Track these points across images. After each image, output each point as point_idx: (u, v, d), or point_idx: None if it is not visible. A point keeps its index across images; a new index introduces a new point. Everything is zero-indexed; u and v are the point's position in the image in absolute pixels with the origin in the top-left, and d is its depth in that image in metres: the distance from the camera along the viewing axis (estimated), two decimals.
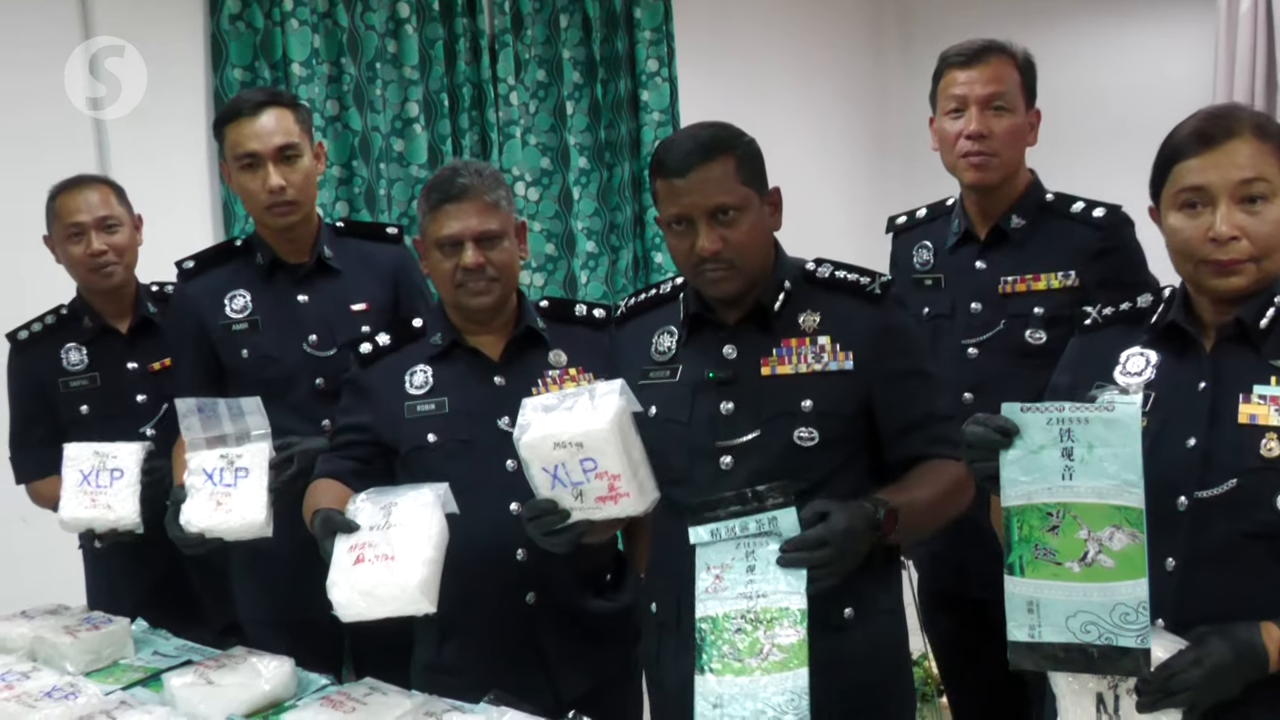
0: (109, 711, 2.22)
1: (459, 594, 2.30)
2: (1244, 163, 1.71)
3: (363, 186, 4.21)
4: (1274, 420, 1.72)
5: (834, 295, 2.13)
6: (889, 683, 2.22)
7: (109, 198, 2.81)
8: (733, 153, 2.05)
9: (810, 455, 2.08)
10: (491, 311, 2.37)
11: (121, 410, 2.83)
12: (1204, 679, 1.57)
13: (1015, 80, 2.64)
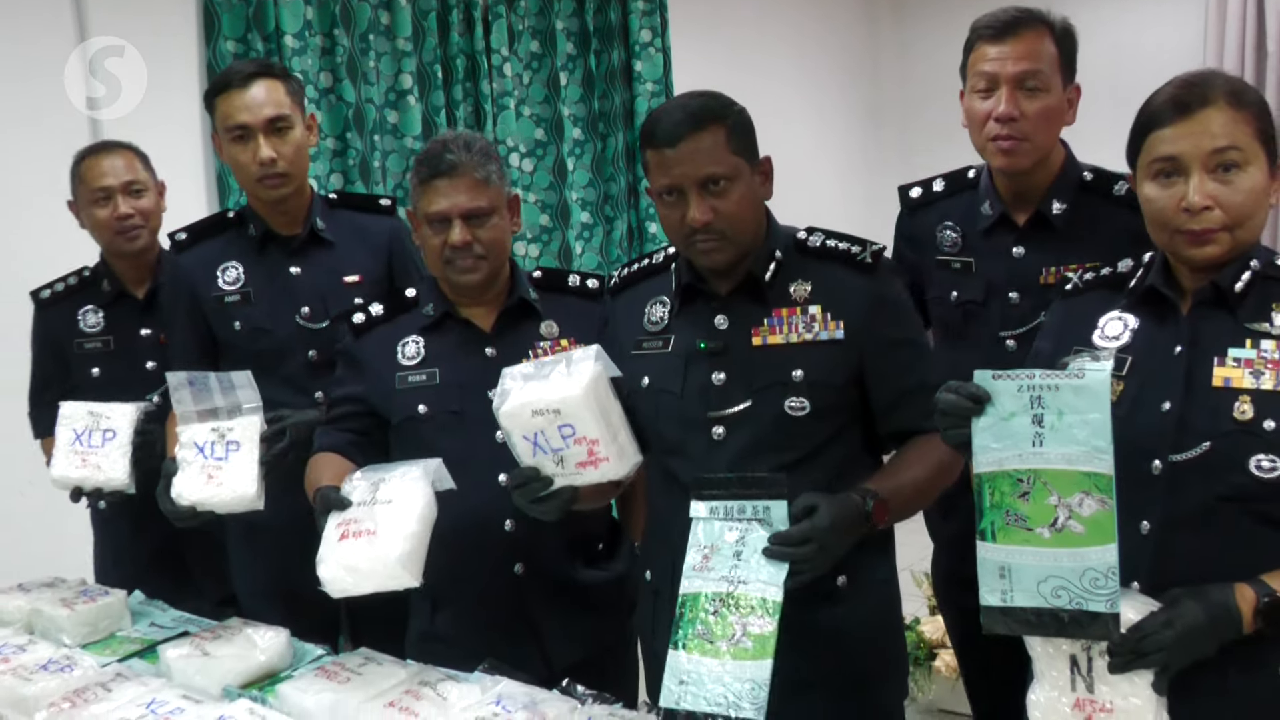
0: (105, 684, 2.21)
1: (449, 565, 2.31)
2: (1217, 131, 1.69)
3: (357, 158, 4.20)
4: (1248, 383, 1.72)
5: (825, 264, 2.10)
6: (883, 649, 2.22)
7: (134, 163, 2.82)
8: (723, 122, 2.01)
9: (802, 425, 2.06)
10: (480, 288, 2.35)
11: (131, 375, 2.82)
12: (1176, 640, 1.58)
13: (1051, 55, 2.38)
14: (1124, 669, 1.57)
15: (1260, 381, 1.71)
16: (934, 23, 6.55)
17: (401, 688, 2.11)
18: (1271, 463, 1.70)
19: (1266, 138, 1.72)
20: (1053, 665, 1.64)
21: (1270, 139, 1.73)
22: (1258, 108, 1.73)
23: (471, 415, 2.32)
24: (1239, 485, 1.71)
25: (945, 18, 6.54)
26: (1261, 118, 1.72)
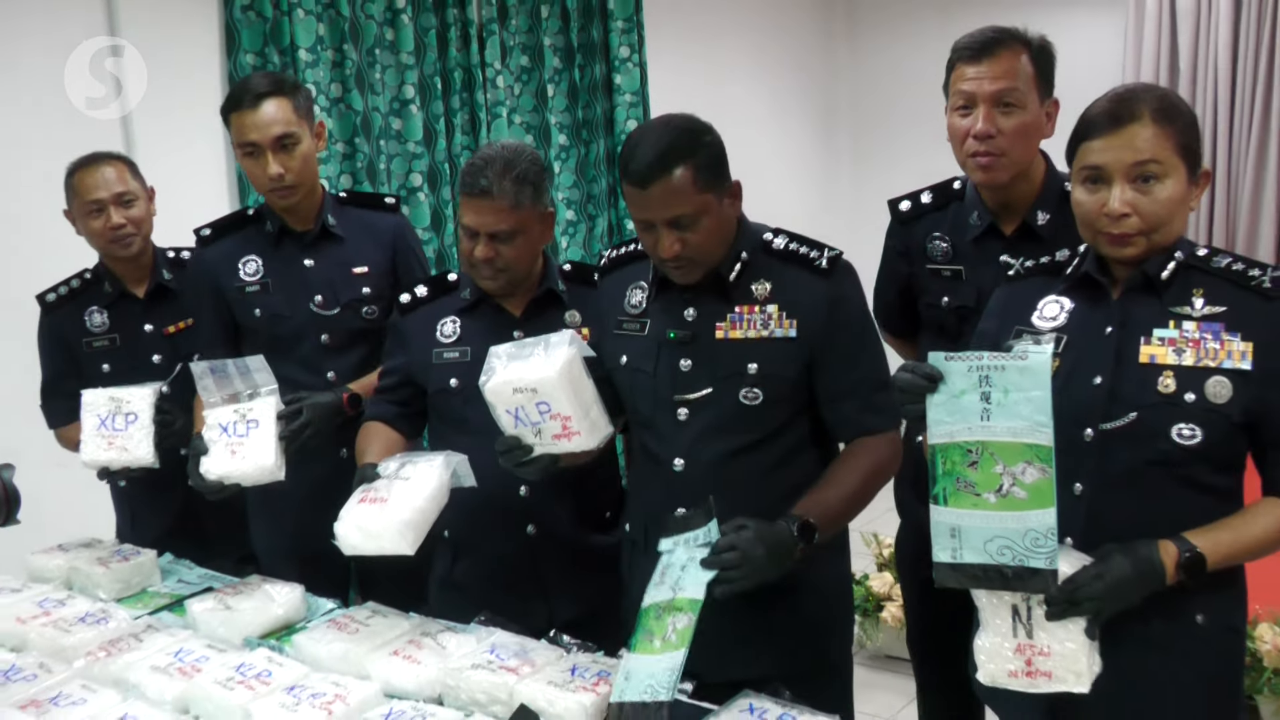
0: (137, 634, 2.21)
1: (470, 521, 2.38)
2: (1141, 145, 1.70)
3: (364, 161, 4.19)
4: (1171, 360, 1.74)
5: (786, 266, 2.08)
6: (831, 605, 2.23)
7: (124, 173, 2.75)
8: (691, 161, 1.95)
9: (755, 413, 2.05)
10: (500, 293, 2.34)
11: (139, 369, 2.79)
12: (1106, 591, 1.61)
13: (1027, 73, 2.29)
14: (1060, 617, 1.60)
15: (1182, 358, 1.73)
16: (883, 42, 6.54)
17: (405, 638, 2.11)
18: (1191, 430, 1.71)
19: (1188, 151, 1.73)
20: (996, 614, 1.66)
21: (1192, 152, 1.74)
22: (1183, 123, 1.73)
23: None
24: (1163, 451, 1.74)
25: (893, 37, 6.55)
26: (1185, 133, 1.73)
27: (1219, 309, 1.74)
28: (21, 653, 2.18)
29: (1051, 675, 1.63)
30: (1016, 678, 1.65)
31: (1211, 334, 1.74)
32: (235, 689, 1.93)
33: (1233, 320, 1.73)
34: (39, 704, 1.94)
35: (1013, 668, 1.65)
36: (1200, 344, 1.73)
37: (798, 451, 2.09)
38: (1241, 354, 1.71)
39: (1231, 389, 1.71)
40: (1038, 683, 1.64)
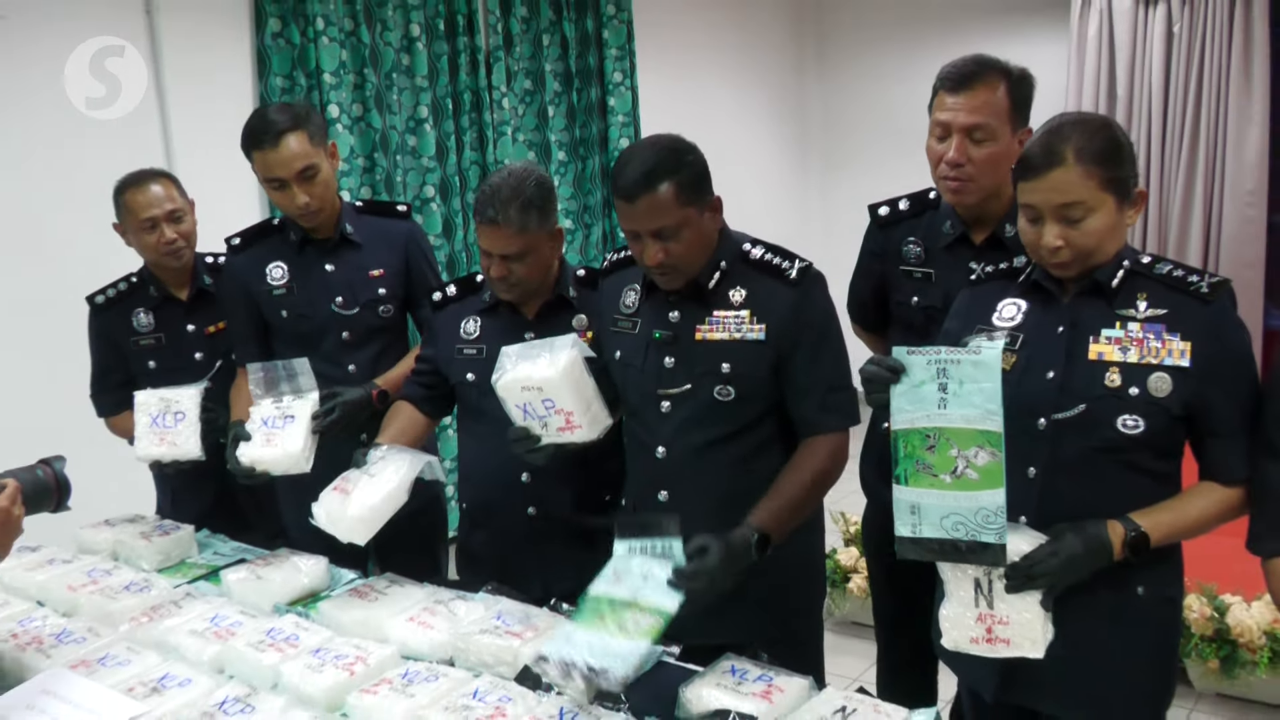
0: (177, 601, 2.20)
1: (482, 499, 2.42)
2: (1066, 189, 1.68)
3: (383, 174, 4.18)
4: (1117, 357, 1.74)
5: (760, 275, 2.06)
6: (805, 578, 2.23)
7: (172, 191, 2.72)
8: (674, 178, 1.94)
9: (728, 408, 2.05)
10: (516, 301, 2.33)
11: (182, 366, 2.77)
12: (1060, 566, 1.61)
13: (1002, 106, 2.21)
14: (1018, 590, 1.60)
15: (1127, 355, 1.73)
16: (847, 71, 6.55)
17: (420, 605, 2.10)
18: (1135, 421, 1.72)
19: (1115, 183, 1.71)
20: (960, 586, 1.66)
21: (1120, 182, 1.71)
22: (1105, 158, 1.70)
23: None
24: (1109, 439, 1.74)
25: (856, 67, 6.56)
26: (1111, 167, 1.70)
27: (1161, 311, 1.74)
28: (72, 617, 2.17)
29: (1010, 642, 1.63)
30: (977, 644, 1.65)
31: (1154, 334, 1.73)
32: (266, 651, 1.93)
33: (1173, 322, 1.73)
34: (88, 664, 1.94)
35: (974, 635, 1.65)
36: (1144, 343, 1.73)
37: (766, 445, 2.09)
38: (1181, 352, 1.70)
39: (1171, 384, 1.70)
40: (996, 648, 1.64)
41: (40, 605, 2.25)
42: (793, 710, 1.72)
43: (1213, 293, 1.72)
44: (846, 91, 6.57)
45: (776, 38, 6.37)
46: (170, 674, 1.89)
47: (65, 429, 3.07)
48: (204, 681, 1.86)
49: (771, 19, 6.31)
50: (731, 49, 6.00)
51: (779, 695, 1.74)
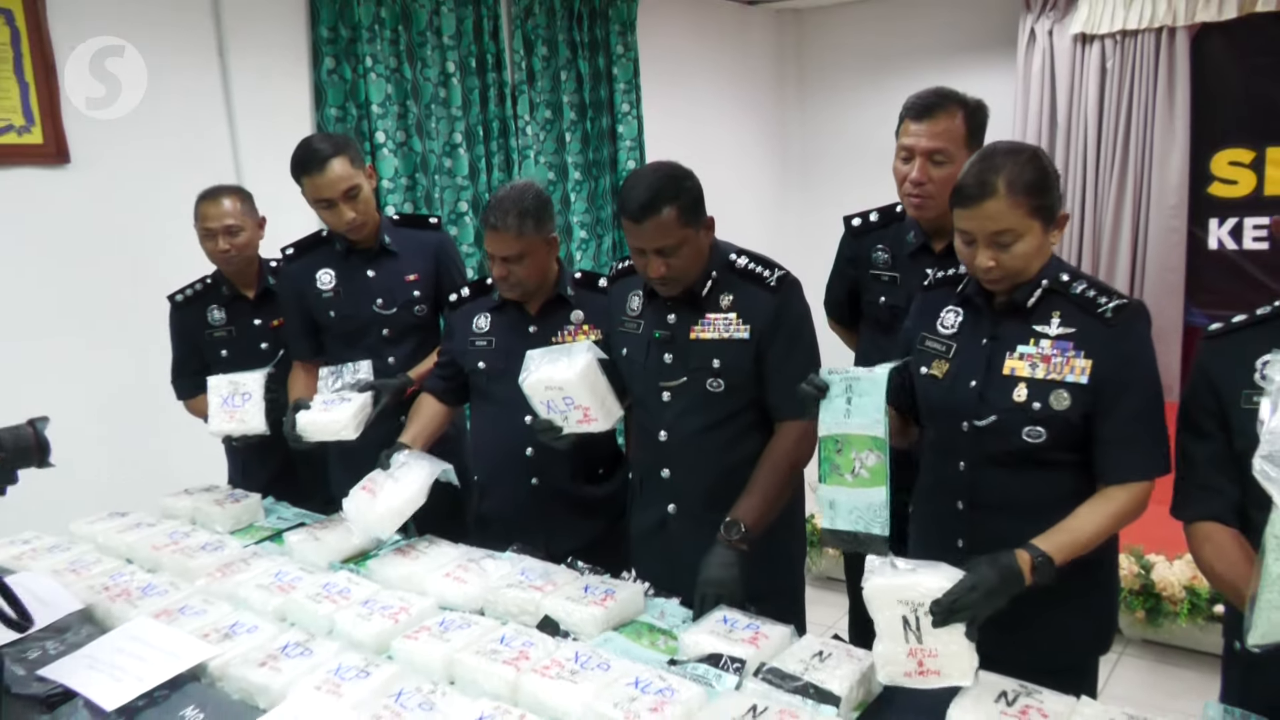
0: (246, 559, 2.21)
1: (492, 471, 2.42)
2: (997, 217, 1.64)
3: (423, 192, 4.17)
4: (1026, 373, 1.71)
5: (745, 282, 2.06)
6: (788, 542, 2.22)
7: (237, 207, 2.71)
8: (675, 203, 1.93)
9: (719, 398, 2.05)
10: (519, 299, 2.33)
11: (249, 355, 2.78)
12: (979, 600, 1.49)
13: (959, 133, 2.20)
14: (943, 624, 1.48)
15: (1035, 372, 1.71)
16: (824, 102, 6.53)
17: (454, 563, 2.11)
18: (1037, 432, 1.71)
19: (1041, 210, 1.66)
20: (890, 625, 1.52)
21: (1045, 209, 1.67)
22: (1033, 188, 1.65)
23: (513, 373, 2.31)
24: (1016, 446, 1.72)
25: (832, 99, 6.53)
26: (1036, 196, 1.65)
27: (1070, 330, 1.70)
28: (156, 573, 2.18)
29: (940, 673, 1.51)
30: (910, 677, 1.52)
31: (1060, 351, 1.70)
32: (322, 602, 1.93)
33: (1080, 340, 1.69)
34: (169, 613, 1.94)
35: (907, 669, 1.52)
36: (1050, 360, 1.70)
37: (751, 429, 2.08)
38: (1082, 370, 1.67)
39: (1070, 399, 1.67)
40: (929, 679, 1.52)
41: (129, 563, 2.26)
42: (776, 654, 1.72)
43: (1116, 316, 1.68)
44: (822, 120, 6.56)
45: (762, 74, 6.36)
46: (239, 622, 1.89)
47: (151, 412, 3.09)
48: (268, 628, 1.87)
49: (758, 58, 6.31)
50: (723, 83, 6.00)
51: (764, 641, 1.74)
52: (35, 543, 2.39)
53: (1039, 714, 1.47)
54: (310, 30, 3.83)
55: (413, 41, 4.12)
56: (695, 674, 1.63)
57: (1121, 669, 3.37)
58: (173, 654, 1.76)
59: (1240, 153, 5.23)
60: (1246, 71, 5.13)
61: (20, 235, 3.11)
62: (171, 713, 1.65)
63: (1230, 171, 5.29)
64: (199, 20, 3.53)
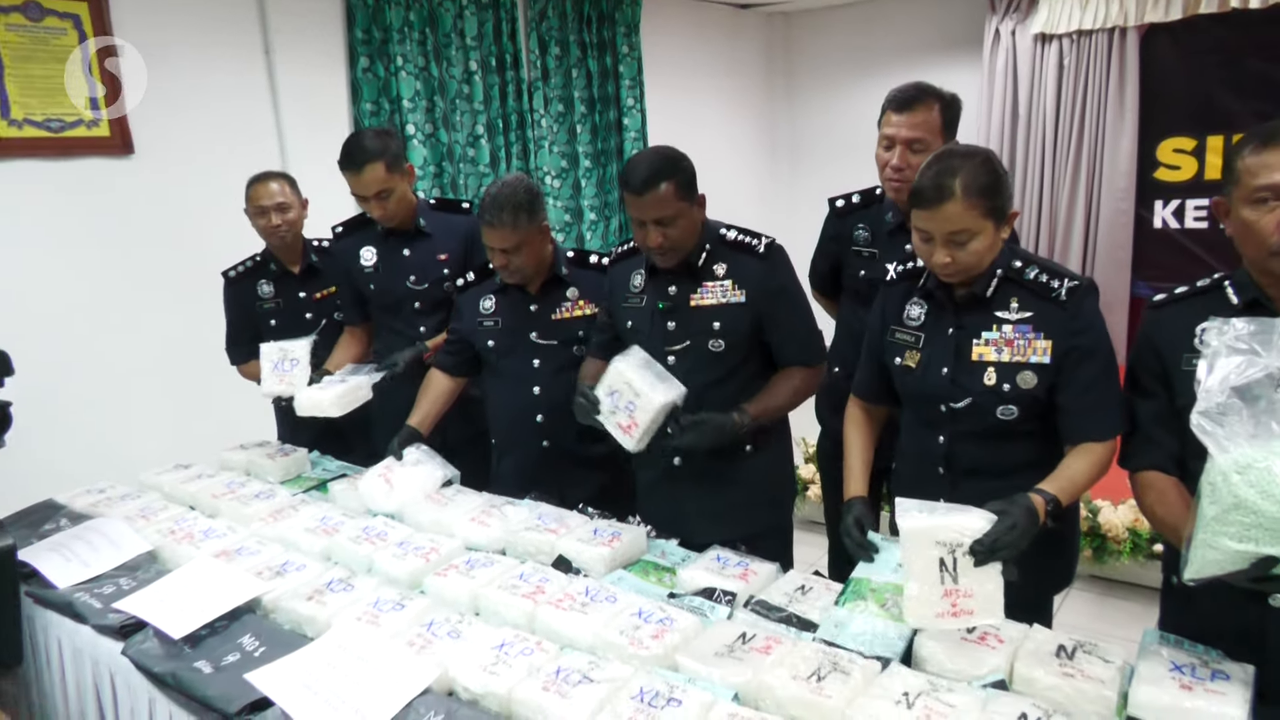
0: (294, 506, 2.21)
1: (506, 434, 2.40)
2: (954, 219, 1.59)
3: (449, 179, 4.14)
4: (993, 358, 1.68)
5: (736, 252, 2.04)
6: (779, 485, 2.21)
7: (285, 188, 2.69)
8: (673, 179, 1.92)
9: (719, 357, 2.03)
10: (519, 283, 2.29)
11: (296, 324, 2.77)
12: (1016, 539, 1.43)
13: (936, 124, 2.17)
14: (984, 563, 1.41)
15: (1001, 356, 1.68)
16: (812, 93, 6.45)
17: (479, 509, 2.11)
18: (1009, 410, 1.69)
19: (994, 210, 1.62)
20: (927, 567, 1.42)
21: (998, 209, 1.62)
22: (987, 191, 1.60)
23: (519, 349, 2.30)
24: (991, 423, 1.71)
25: (816, 93, 6.45)
26: (991, 197, 1.60)
27: (1028, 314, 1.67)
28: (215, 518, 2.18)
29: (974, 613, 1.41)
30: (943, 618, 1.42)
31: (1022, 334, 1.67)
32: (362, 544, 1.94)
33: (1038, 323, 1.66)
34: (228, 553, 1.95)
35: (940, 610, 1.42)
36: (1014, 343, 1.67)
37: (749, 383, 2.07)
38: (1044, 350, 1.65)
39: (1036, 378, 1.66)
40: (960, 620, 1.42)
41: (191, 509, 2.27)
42: (763, 588, 1.72)
43: (1069, 298, 1.65)
44: (807, 112, 6.49)
45: (754, 72, 6.29)
46: (289, 561, 1.90)
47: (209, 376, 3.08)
48: (315, 567, 1.88)
49: (750, 57, 6.24)
50: (718, 80, 5.93)
51: (753, 576, 1.75)
52: (110, 492, 2.40)
53: (996, 639, 1.47)
54: (347, 32, 3.79)
55: (439, 42, 4.07)
56: (692, 605, 1.64)
57: (1071, 601, 3.38)
58: (231, 589, 1.77)
59: (1183, 141, 5.17)
60: (1190, 67, 5.06)
61: (91, 218, 3.10)
62: (230, 640, 1.66)
63: (1174, 158, 5.23)
64: (247, 24, 3.49)
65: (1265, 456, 1.19)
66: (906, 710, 1.30)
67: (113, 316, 3.16)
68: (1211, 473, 1.24)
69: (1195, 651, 1.42)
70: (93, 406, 3.13)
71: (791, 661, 1.42)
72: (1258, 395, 1.23)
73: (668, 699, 1.35)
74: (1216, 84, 4.98)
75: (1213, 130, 5.03)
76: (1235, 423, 1.23)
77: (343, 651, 1.54)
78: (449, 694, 1.47)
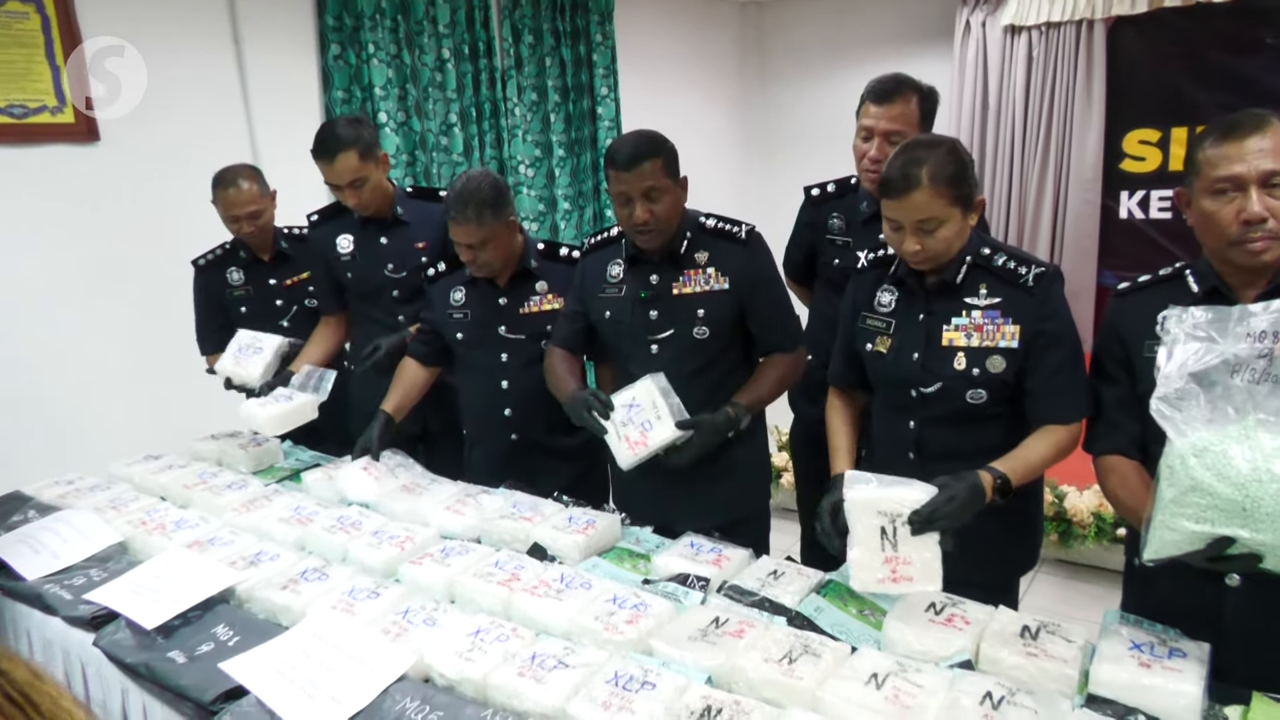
0: (267, 496, 2.20)
1: (477, 427, 2.39)
2: (922, 208, 1.61)
3: (422, 167, 4.10)
4: (963, 343, 1.70)
5: (717, 240, 2.05)
6: (757, 471, 2.23)
7: (253, 188, 2.63)
8: (659, 156, 1.93)
9: (703, 345, 2.04)
10: (488, 276, 2.28)
11: (267, 310, 2.75)
12: (955, 510, 1.49)
13: (914, 116, 2.18)
14: (920, 532, 1.47)
15: (970, 341, 1.70)
16: (785, 83, 6.46)
17: (454, 497, 2.11)
18: (979, 394, 1.72)
19: (961, 198, 1.64)
20: (868, 533, 1.50)
21: (965, 196, 1.64)
22: (953, 179, 1.62)
23: (488, 341, 2.29)
24: (961, 407, 1.73)
25: (790, 83, 6.46)
26: (958, 185, 1.63)
27: (997, 300, 1.70)
28: (187, 509, 2.17)
29: (913, 579, 1.48)
30: (884, 583, 1.49)
31: (990, 320, 1.69)
32: (337, 533, 1.93)
33: (1006, 309, 1.69)
34: (200, 544, 1.94)
35: (880, 575, 1.49)
36: (983, 329, 1.69)
37: (732, 369, 2.08)
38: (1012, 335, 1.67)
39: (1005, 362, 1.68)
40: (900, 585, 1.49)
41: (163, 500, 2.25)
42: (736, 573, 1.74)
43: (1036, 284, 1.68)
44: (779, 99, 6.51)
45: (727, 61, 6.30)
46: (263, 551, 1.89)
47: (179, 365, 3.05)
48: (289, 556, 1.87)
49: (723, 46, 6.25)
50: (692, 69, 5.93)
51: (726, 562, 1.76)
52: (79, 483, 2.37)
53: (963, 620, 1.50)
54: (317, 19, 3.74)
55: (411, 30, 4.03)
56: (666, 591, 1.65)
57: (1037, 584, 3.44)
58: (204, 579, 1.76)
59: (1149, 133, 5.24)
60: (1156, 60, 5.13)
61: (55, 206, 3.05)
62: (204, 630, 1.65)
63: (1140, 150, 5.30)
64: (215, 10, 3.43)
65: (1221, 440, 1.23)
66: (876, 690, 1.32)
67: (79, 305, 3.11)
68: (1170, 456, 1.27)
69: (1154, 630, 1.45)
70: (59, 397, 3.08)
71: (764, 645, 1.44)
72: (1214, 381, 1.26)
73: (642, 683, 1.36)
74: (1181, 77, 5.05)
75: (1177, 122, 5.11)
76: (1193, 408, 1.26)
77: (318, 640, 1.54)
78: (425, 680, 1.47)
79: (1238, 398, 1.24)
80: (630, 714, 1.30)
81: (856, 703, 1.30)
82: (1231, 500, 1.21)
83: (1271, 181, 1.37)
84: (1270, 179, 1.37)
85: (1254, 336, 1.27)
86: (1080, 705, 1.32)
